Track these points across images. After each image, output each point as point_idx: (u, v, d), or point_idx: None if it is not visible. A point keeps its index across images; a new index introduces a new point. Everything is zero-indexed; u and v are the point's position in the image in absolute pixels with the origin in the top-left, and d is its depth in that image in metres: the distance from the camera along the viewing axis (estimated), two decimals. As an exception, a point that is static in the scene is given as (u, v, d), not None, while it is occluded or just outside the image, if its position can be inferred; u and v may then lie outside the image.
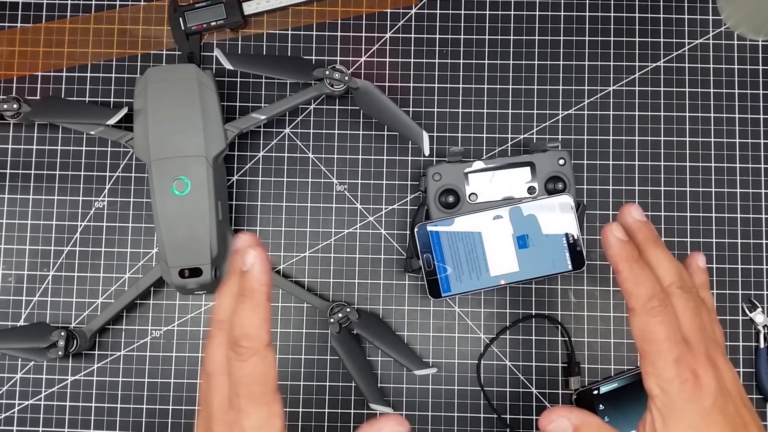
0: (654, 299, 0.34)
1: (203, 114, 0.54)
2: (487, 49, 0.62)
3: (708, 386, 0.34)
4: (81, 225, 0.60)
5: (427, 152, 0.56)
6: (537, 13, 0.62)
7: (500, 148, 0.61)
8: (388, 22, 0.62)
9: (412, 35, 0.62)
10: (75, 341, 0.55)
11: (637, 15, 0.62)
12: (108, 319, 0.57)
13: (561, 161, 0.57)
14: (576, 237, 0.56)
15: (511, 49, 0.61)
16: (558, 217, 0.56)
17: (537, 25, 0.62)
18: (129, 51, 0.62)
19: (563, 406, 0.39)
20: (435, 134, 0.61)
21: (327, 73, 0.57)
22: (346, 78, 0.57)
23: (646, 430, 0.36)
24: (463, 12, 0.62)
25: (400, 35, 0.62)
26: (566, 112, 0.61)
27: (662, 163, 0.60)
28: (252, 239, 0.35)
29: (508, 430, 0.58)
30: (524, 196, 0.57)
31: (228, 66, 0.56)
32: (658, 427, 0.34)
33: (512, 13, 0.62)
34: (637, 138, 0.61)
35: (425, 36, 0.62)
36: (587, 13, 0.62)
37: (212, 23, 0.60)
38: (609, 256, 0.36)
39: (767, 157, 0.60)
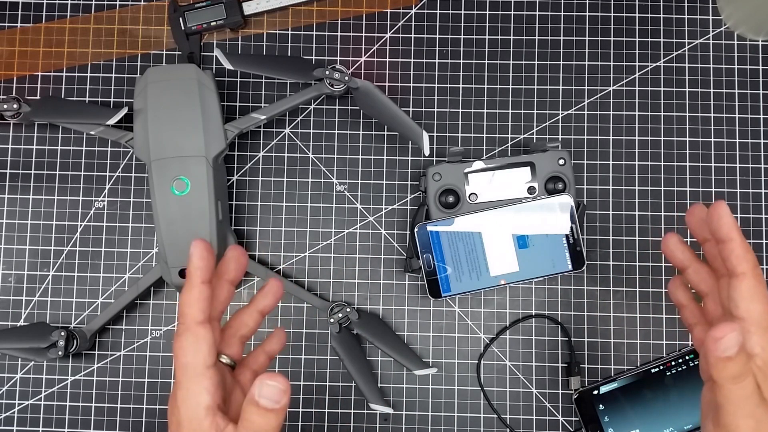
0: (758, 267, 0.38)
1: (203, 114, 0.54)
2: (487, 49, 0.62)
3: None
4: (81, 225, 0.60)
5: (427, 152, 0.56)
6: (537, 13, 0.62)
7: (500, 148, 0.61)
8: (388, 22, 0.62)
9: (412, 35, 0.62)
10: (75, 341, 0.55)
11: (637, 15, 0.62)
12: (108, 319, 0.57)
13: (561, 161, 0.57)
14: (576, 237, 0.56)
15: (511, 49, 0.61)
16: (558, 217, 0.56)
17: (537, 25, 0.62)
18: (129, 51, 0.62)
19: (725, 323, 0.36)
20: (435, 134, 0.61)
21: (327, 73, 0.57)
22: (346, 78, 0.57)
23: (741, 396, 0.36)
24: (463, 12, 0.62)
25: (400, 35, 0.62)
26: (566, 112, 0.61)
27: (662, 163, 0.60)
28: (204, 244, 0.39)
29: (508, 430, 0.58)
30: (524, 196, 0.57)
31: (228, 66, 0.56)
32: (762, 382, 0.36)
33: (512, 13, 0.62)
34: (637, 138, 0.61)
35: (425, 36, 0.62)
36: (587, 13, 0.62)
37: (212, 23, 0.60)
38: (723, 224, 0.37)
39: (767, 157, 0.60)
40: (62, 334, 0.54)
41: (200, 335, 0.37)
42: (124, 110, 0.55)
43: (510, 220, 0.56)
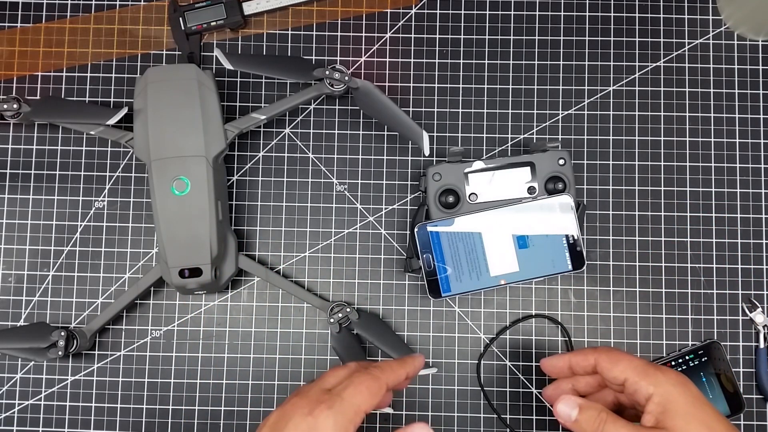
0: (599, 347, 0.49)
1: (203, 114, 0.54)
2: (487, 49, 0.62)
3: None
4: (81, 225, 0.60)
5: (427, 152, 0.56)
6: (537, 13, 0.62)
7: (500, 148, 0.61)
8: (388, 22, 0.62)
9: (412, 35, 0.62)
10: (75, 341, 0.55)
11: (637, 15, 0.62)
12: (108, 319, 0.57)
13: (561, 161, 0.57)
14: (576, 237, 0.56)
15: (511, 49, 0.61)
16: (558, 217, 0.56)
17: (537, 25, 0.62)
18: (129, 51, 0.62)
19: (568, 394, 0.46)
20: (435, 134, 0.61)
21: (327, 73, 0.57)
22: (346, 78, 0.57)
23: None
24: (463, 12, 0.62)
25: (400, 35, 0.62)
26: (566, 112, 0.61)
27: (662, 163, 0.60)
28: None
29: (508, 430, 0.58)
30: (524, 196, 0.57)
31: (228, 66, 0.56)
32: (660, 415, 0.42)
33: (512, 13, 0.62)
34: (637, 138, 0.61)
35: (425, 36, 0.62)
36: (587, 13, 0.62)
37: (212, 23, 0.60)
38: (557, 364, 0.49)
39: (767, 157, 0.60)
40: (62, 334, 0.54)
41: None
42: (124, 110, 0.55)
43: (510, 220, 0.56)
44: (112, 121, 0.55)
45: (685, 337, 0.58)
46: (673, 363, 0.57)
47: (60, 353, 0.54)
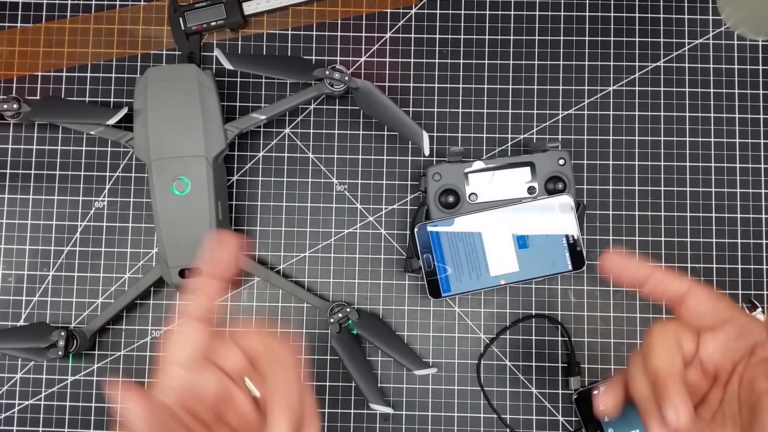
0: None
1: (203, 114, 0.54)
2: (487, 49, 0.62)
3: None
4: (81, 225, 0.60)
5: (427, 152, 0.56)
6: (537, 13, 0.62)
7: (500, 148, 0.61)
8: (388, 22, 0.62)
9: (412, 35, 0.62)
10: (75, 341, 0.55)
11: (637, 15, 0.62)
12: (108, 319, 0.57)
13: (561, 161, 0.57)
14: (576, 237, 0.56)
15: (511, 49, 0.61)
16: (558, 217, 0.56)
17: (537, 25, 0.62)
18: (129, 51, 0.62)
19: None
20: (435, 134, 0.61)
21: (327, 73, 0.57)
22: (346, 78, 0.57)
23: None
24: (463, 12, 0.62)
25: (400, 35, 0.62)
26: (566, 112, 0.61)
27: (662, 163, 0.60)
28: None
29: (508, 430, 0.58)
30: (524, 196, 0.57)
31: (228, 66, 0.56)
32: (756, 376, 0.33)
33: (512, 13, 0.62)
34: (637, 138, 0.61)
35: (425, 36, 0.62)
36: (587, 13, 0.62)
37: (212, 23, 0.60)
38: (638, 267, 0.38)
39: (767, 157, 0.60)
40: (62, 334, 0.54)
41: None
42: (124, 110, 0.55)
43: (510, 220, 0.56)
44: (112, 121, 0.55)
45: (685, 337, 0.58)
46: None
47: (60, 353, 0.54)
